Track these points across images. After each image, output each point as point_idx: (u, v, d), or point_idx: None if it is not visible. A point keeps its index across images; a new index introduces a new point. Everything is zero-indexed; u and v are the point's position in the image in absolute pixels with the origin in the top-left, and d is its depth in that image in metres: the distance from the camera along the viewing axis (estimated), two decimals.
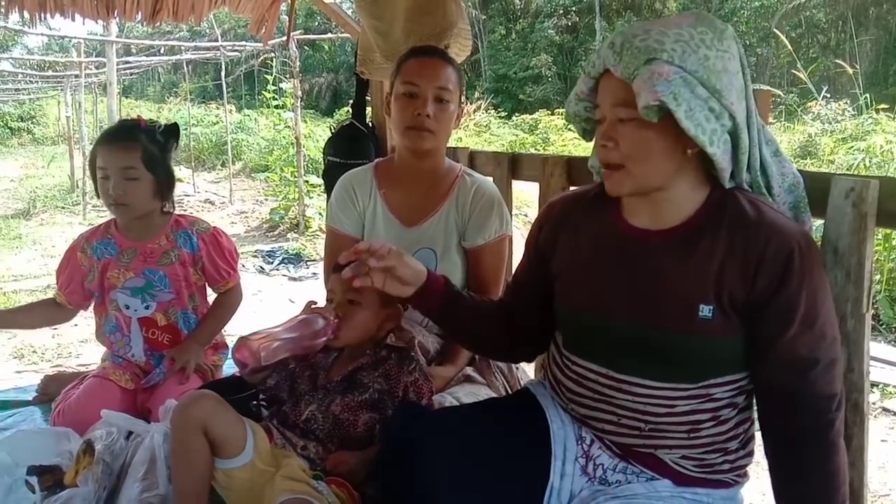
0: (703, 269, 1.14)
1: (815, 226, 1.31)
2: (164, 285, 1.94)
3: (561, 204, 1.40)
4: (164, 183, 1.92)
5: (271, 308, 4.91)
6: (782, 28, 15.83)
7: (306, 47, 23.13)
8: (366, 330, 1.57)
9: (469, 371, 1.76)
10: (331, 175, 2.51)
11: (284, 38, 5.78)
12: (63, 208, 10.23)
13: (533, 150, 10.68)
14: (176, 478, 1.37)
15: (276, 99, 9.89)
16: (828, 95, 10.55)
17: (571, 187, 1.94)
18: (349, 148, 2.62)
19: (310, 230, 7.76)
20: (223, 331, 2.12)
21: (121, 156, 1.84)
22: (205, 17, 3.06)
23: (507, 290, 1.54)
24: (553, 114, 13.36)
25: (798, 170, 1.28)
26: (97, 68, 12.09)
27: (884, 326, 4.44)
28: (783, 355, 1.12)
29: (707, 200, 1.19)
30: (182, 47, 12.78)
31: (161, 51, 14.90)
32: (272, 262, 6.79)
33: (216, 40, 11.52)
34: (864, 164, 5.93)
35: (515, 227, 2.39)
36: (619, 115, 1.15)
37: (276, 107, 9.91)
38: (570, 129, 12.17)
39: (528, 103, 18.55)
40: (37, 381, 2.17)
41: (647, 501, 1.22)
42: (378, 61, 2.40)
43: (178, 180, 2.04)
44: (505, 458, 1.24)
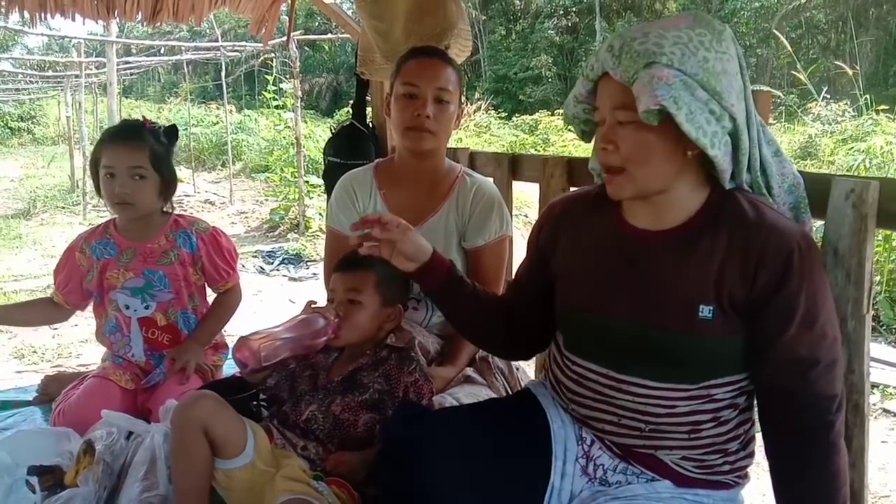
0: (704, 269, 1.14)
1: (815, 227, 1.31)
2: (163, 285, 1.94)
3: (561, 205, 1.40)
4: (168, 183, 1.93)
5: (271, 308, 4.91)
6: (782, 29, 15.84)
7: (306, 48, 23.14)
8: (366, 330, 1.58)
9: (469, 372, 1.76)
10: (331, 175, 2.52)
11: (284, 39, 5.78)
12: (63, 208, 10.24)
13: (533, 150, 10.68)
14: (176, 478, 1.37)
15: (277, 99, 9.89)
16: (828, 96, 10.55)
17: (572, 188, 1.94)
18: (349, 148, 2.62)
19: (310, 230, 7.77)
20: (223, 331, 2.11)
21: (129, 155, 1.84)
22: (205, 18, 3.06)
23: (508, 289, 1.54)
24: (553, 114, 13.36)
25: (798, 170, 1.28)
26: (97, 68, 12.09)
27: (884, 327, 4.44)
28: (783, 355, 1.12)
29: (707, 201, 1.19)
30: (182, 47, 12.78)
31: (161, 51, 14.90)
32: (272, 263, 6.80)
33: (216, 40, 11.52)
34: (865, 166, 5.93)
35: (516, 227, 2.39)
36: (618, 117, 1.15)
37: (277, 107, 9.91)
38: (570, 130, 12.15)
39: (528, 104, 18.57)
40: (37, 382, 2.17)
41: (647, 502, 1.22)
42: (378, 62, 2.40)
43: (179, 181, 2.04)
44: (505, 459, 1.24)
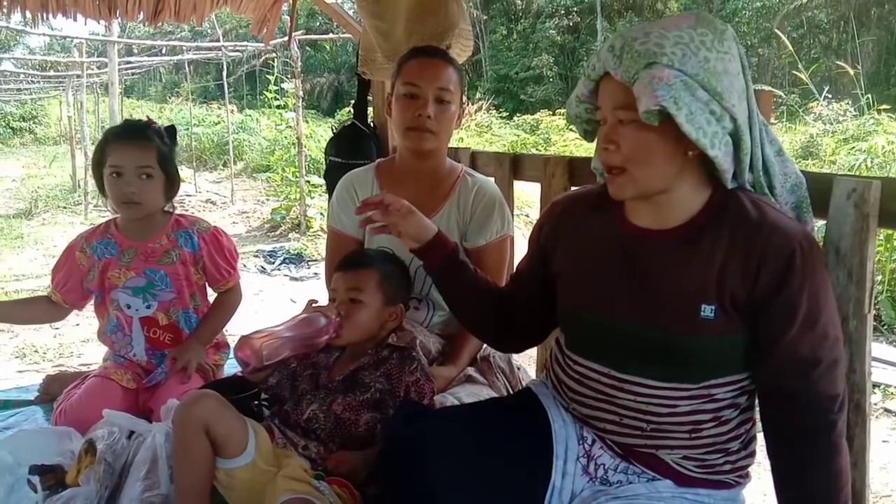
0: (705, 268, 1.14)
1: (816, 226, 1.31)
2: (165, 284, 1.94)
3: (563, 204, 1.40)
4: (173, 182, 1.94)
5: (273, 308, 4.91)
6: (784, 28, 15.82)
7: (308, 47, 23.13)
8: (367, 329, 1.58)
9: (471, 371, 1.76)
10: (332, 175, 2.52)
11: (286, 39, 5.78)
12: (65, 208, 10.25)
13: (534, 150, 10.68)
14: (178, 477, 1.37)
15: (278, 99, 9.89)
16: (829, 96, 10.54)
17: (573, 188, 1.94)
18: (351, 148, 2.62)
19: (311, 230, 7.77)
20: (224, 330, 2.11)
21: (138, 154, 1.85)
22: (206, 18, 3.06)
23: (509, 280, 1.55)
24: (554, 114, 13.36)
25: (800, 170, 1.28)
26: (99, 68, 12.10)
27: (885, 327, 4.43)
28: (785, 355, 1.12)
29: (709, 200, 1.19)
30: (184, 47, 12.80)
31: (163, 51, 14.92)
32: (273, 263, 6.80)
33: (218, 40, 11.53)
34: (866, 165, 5.93)
35: (517, 227, 2.39)
36: (619, 117, 1.15)
37: (278, 107, 9.91)
38: (571, 130, 12.16)
39: (529, 104, 18.56)
40: (39, 381, 2.17)
41: (648, 502, 1.22)
42: (380, 61, 2.40)
43: (182, 180, 2.04)
44: (506, 458, 1.24)
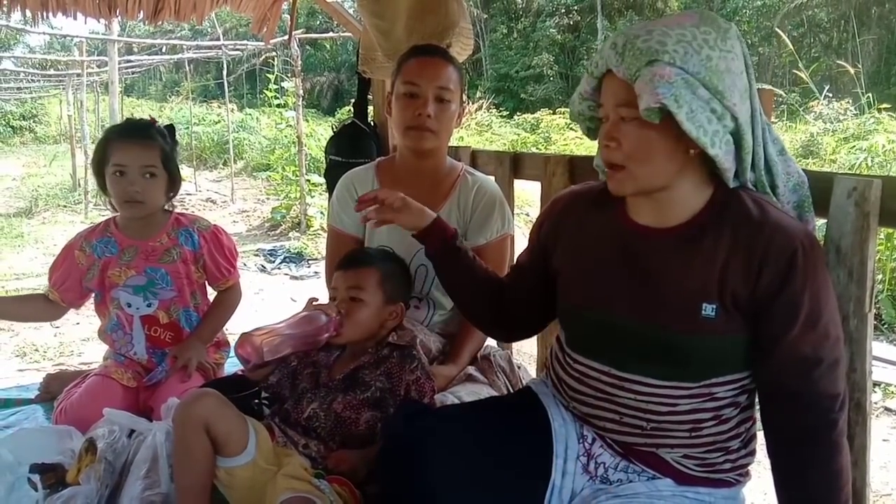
0: (707, 267, 1.14)
1: (817, 225, 1.30)
2: (165, 283, 1.94)
3: (564, 200, 1.40)
4: (175, 181, 1.95)
5: (273, 307, 4.91)
6: (784, 27, 15.81)
7: (308, 46, 23.13)
8: (368, 327, 1.58)
9: (471, 370, 1.76)
10: (332, 174, 2.52)
11: (286, 37, 5.78)
12: (65, 207, 10.25)
13: (535, 149, 10.67)
14: (178, 476, 1.37)
15: (278, 98, 9.89)
16: (830, 95, 10.52)
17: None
18: (351, 147, 2.62)
19: (311, 229, 7.77)
20: (225, 329, 2.11)
21: (142, 154, 1.85)
22: (206, 16, 3.07)
23: (509, 271, 1.56)
24: (555, 113, 13.35)
25: (802, 169, 1.28)
26: (99, 67, 12.11)
27: (886, 326, 4.44)
28: (787, 355, 1.12)
29: (711, 199, 1.18)
30: (184, 46, 12.81)
31: (163, 50, 14.93)
32: (274, 261, 6.80)
33: (218, 39, 11.53)
34: (867, 164, 5.93)
35: (517, 226, 2.39)
36: (621, 114, 1.15)
37: (278, 106, 9.91)
38: (571, 129, 12.17)
39: (529, 102, 18.56)
40: (39, 380, 2.17)
41: (648, 501, 1.22)
42: (380, 60, 2.40)
43: (183, 179, 2.04)
44: (506, 457, 1.24)
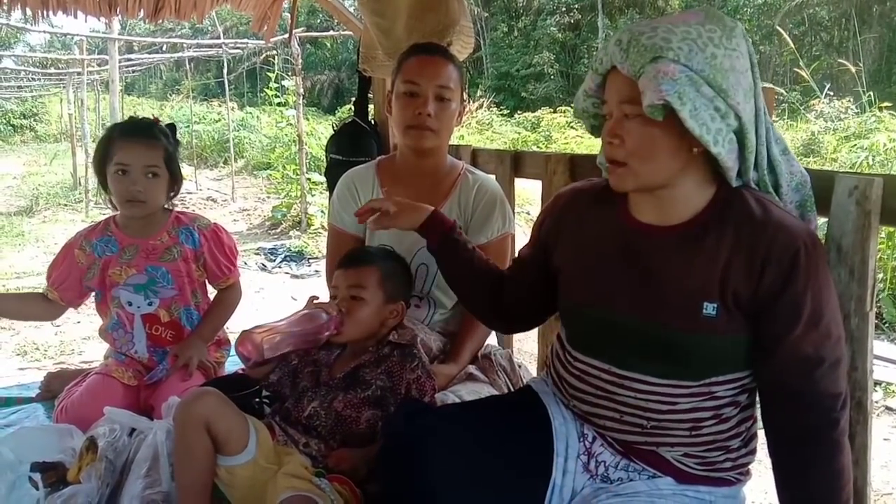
0: (708, 266, 1.14)
1: (818, 224, 1.30)
2: (166, 281, 1.94)
3: (566, 197, 1.40)
4: (176, 180, 1.95)
5: (274, 305, 4.92)
6: (785, 26, 15.80)
7: (308, 45, 23.14)
8: (369, 326, 1.58)
9: (472, 369, 1.76)
10: (333, 173, 2.52)
11: (286, 36, 5.78)
12: (65, 205, 10.25)
13: (535, 147, 10.68)
14: (179, 475, 1.38)
15: (279, 96, 9.89)
16: (831, 93, 10.51)
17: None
18: (351, 145, 2.62)
19: (312, 228, 7.77)
20: (225, 328, 2.11)
21: (146, 153, 1.85)
22: (207, 15, 3.06)
23: (510, 266, 1.56)
24: (555, 111, 13.36)
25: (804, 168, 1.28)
26: (99, 65, 12.11)
27: (887, 325, 4.43)
28: (789, 354, 1.12)
29: (714, 198, 1.18)
30: (184, 45, 12.79)
31: (163, 48, 14.93)
32: (274, 260, 6.80)
33: (218, 38, 11.53)
34: (868, 163, 5.92)
35: (518, 225, 2.39)
36: (625, 111, 1.14)
37: (279, 104, 9.91)
38: (572, 127, 12.18)
39: (530, 101, 18.57)
40: (40, 378, 2.17)
41: (649, 499, 1.22)
42: (380, 59, 2.40)
43: (184, 178, 2.04)
44: (507, 456, 1.24)
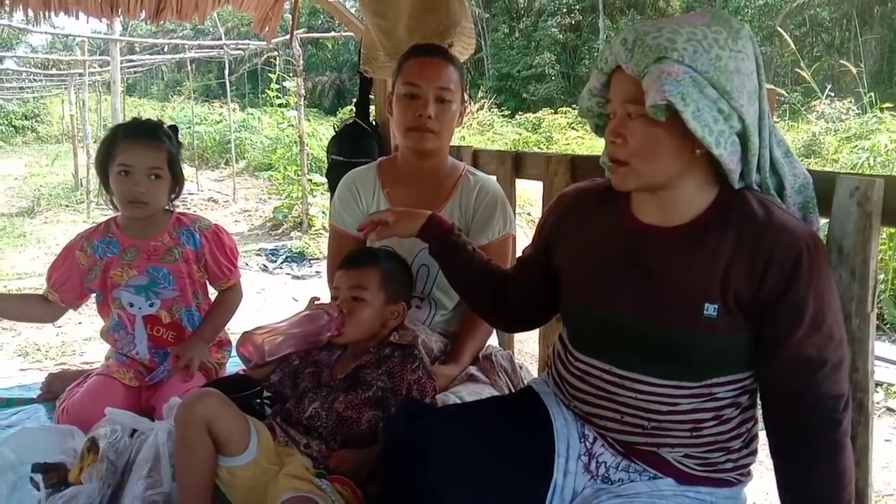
0: (710, 267, 1.14)
1: (820, 225, 1.30)
2: (168, 283, 1.94)
3: (569, 197, 1.40)
4: (178, 182, 1.95)
5: (275, 306, 4.92)
6: (786, 27, 15.79)
7: (310, 46, 23.14)
8: (370, 327, 1.58)
9: (472, 370, 1.76)
10: (334, 174, 2.52)
11: (288, 37, 5.77)
12: (67, 206, 10.26)
13: (536, 148, 10.68)
14: (180, 475, 1.38)
15: (280, 97, 9.89)
16: (832, 94, 10.49)
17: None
18: (352, 146, 2.62)
19: (313, 229, 7.78)
20: (226, 329, 2.11)
21: (149, 155, 1.85)
22: (208, 16, 3.07)
23: (512, 265, 1.57)
24: (556, 112, 13.36)
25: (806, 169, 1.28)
26: (101, 67, 12.13)
27: (888, 326, 4.42)
28: (791, 356, 1.12)
29: (716, 199, 1.18)
30: (186, 46, 12.79)
31: (165, 49, 14.94)
32: (276, 261, 6.80)
33: (220, 39, 11.55)
34: (869, 164, 5.91)
35: (519, 225, 2.39)
36: (628, 111, 1.14)
37: (280, 105, 9.91)
38: (573, 128, 12.18)
39: (531, 102, 18.58)
40: (41, 379, 2.17)
41: (649, 500, 1.22)
42: (382, 60, 2.40)
43: (186, 179, 2.05)
44: (508, 457, 1.24)
